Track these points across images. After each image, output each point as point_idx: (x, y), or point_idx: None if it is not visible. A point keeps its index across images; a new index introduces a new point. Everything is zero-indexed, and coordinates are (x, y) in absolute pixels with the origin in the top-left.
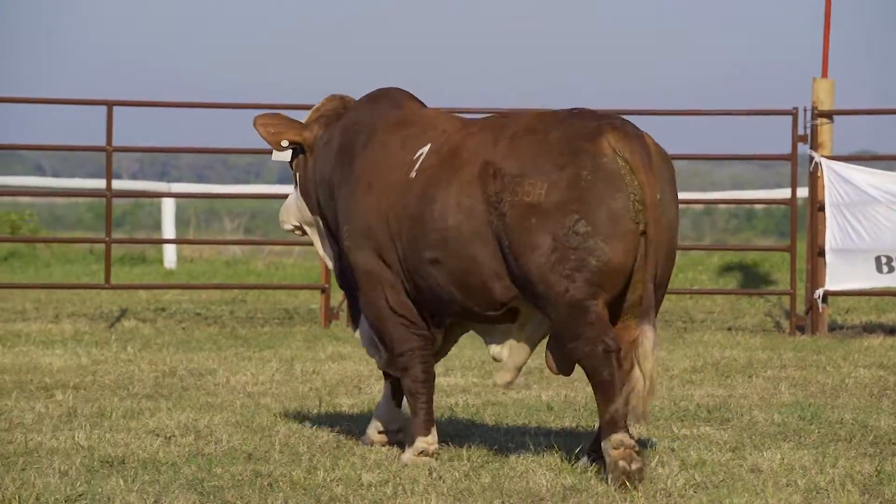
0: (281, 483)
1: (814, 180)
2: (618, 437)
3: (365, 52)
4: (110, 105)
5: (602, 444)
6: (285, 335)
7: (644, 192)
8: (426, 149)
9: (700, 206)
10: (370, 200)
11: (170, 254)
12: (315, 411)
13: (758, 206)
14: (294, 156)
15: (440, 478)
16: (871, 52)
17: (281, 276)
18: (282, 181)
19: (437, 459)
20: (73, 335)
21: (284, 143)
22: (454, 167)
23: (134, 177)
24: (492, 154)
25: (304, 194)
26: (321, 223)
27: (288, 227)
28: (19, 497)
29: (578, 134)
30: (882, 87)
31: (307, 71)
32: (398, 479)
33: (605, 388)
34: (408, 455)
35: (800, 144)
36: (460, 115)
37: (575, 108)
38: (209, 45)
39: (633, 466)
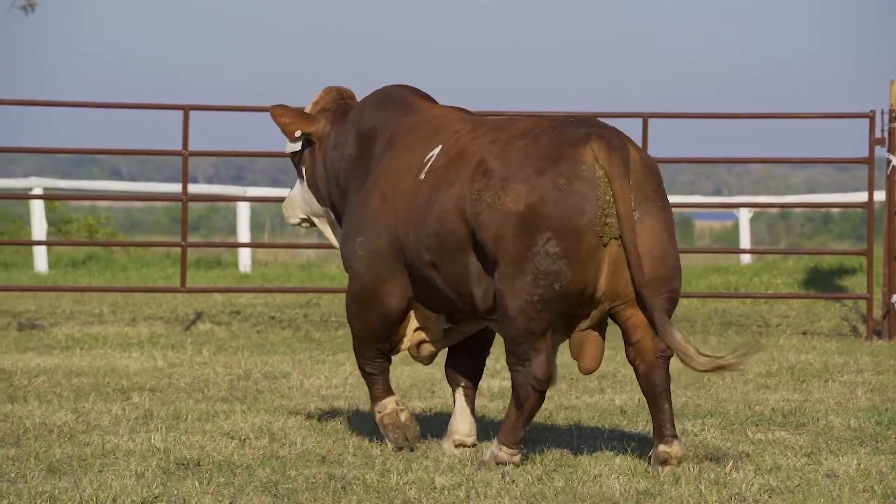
0: (354, 486)
1: (891, 184)
2: (503, 451)
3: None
4: (186, 109)
5: (493, 444)
6: None
7: (618, 202)
8: (436, 151)
9: (775, 210)
10: (385, 213)
11: (245, 257)
12: None
13: (834, 210)
14: (302, 149)
15: (513, 482)
16: None
17: None
18: None
19: (412, 418)
20: (150, 338)
21: (297, 134)
22: (458, 169)
23: (210, 181)
24: (486, 153)
25: (312, 187)
26: (332, 214)
27: (294, 220)
28: (96, 498)
29: (565, 141)
30: None
31: (379, 74)
32: (471, 482)
33: (519, 410)
34: (379, 419)
35: (877, 147)
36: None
37: (573, 116)
38: (282, 51)
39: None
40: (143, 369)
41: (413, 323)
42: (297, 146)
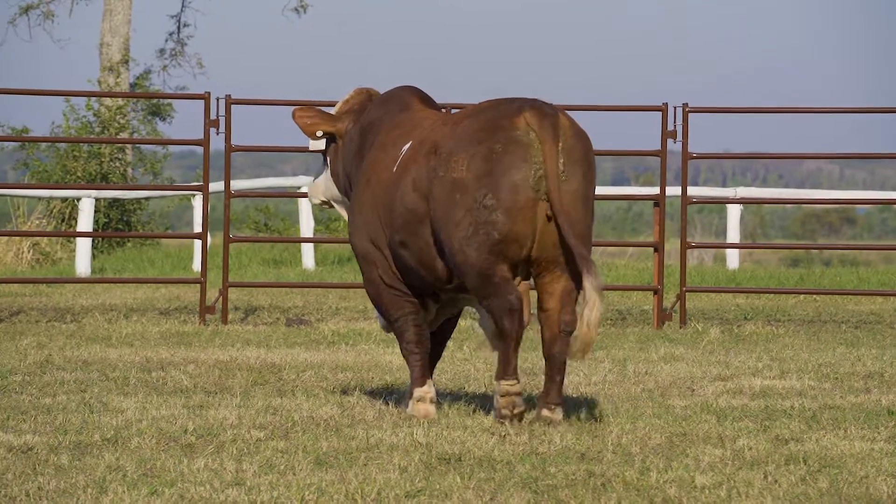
0: (614, 483)
1: None
2: (506, 384)
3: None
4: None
5: (494, 385)
6: (618, 336)
7: (546, 162)
8: (408, 145)
9: None
10: (368, 195)
11: None
12: (647, 412)
13: None
14: (327, 144)
15: (776, 481)
16: None
17: (614, 276)
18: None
19: (435, 405)
20: None
21: (319, 134)
22: (417, 156)
23: None
24: (439, 136)
25: (334, 175)
26: (348, 202)
27: (315, 201)
28: (362, 491)
29: (502, 113)
30: None
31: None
32: (732, 481)
33: (505, 340)
34: (410, 406)
35: None
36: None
37: (521, 97)
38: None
39: (515, 412)
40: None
41: None
42: (320, 144)
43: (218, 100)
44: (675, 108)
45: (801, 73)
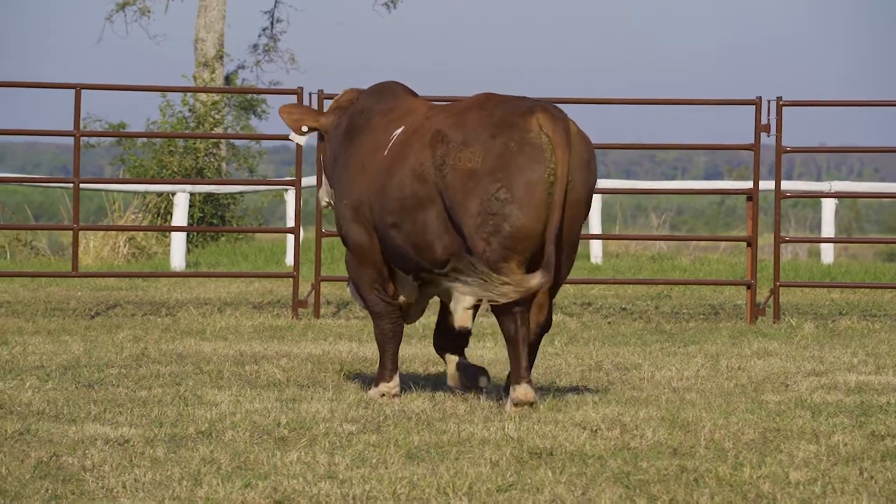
0: (707, 479)
1: None
2: (521, 389)
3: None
4: None
5: (509, 390)
6: (710, 330)
7: (557, 166)
8: (399, 131)
9: None
10: (362, 180)
11: (596, 249)
12: (741, 407)
13: None
14: (318, 141)
15: (871, 478)
16: None
17: (706, 271)
18: (709, 177)
19: (398, 398)
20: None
21: (304, 129)
22: (413, 142)
23: None
24: (442, 125)
25: (326, 173)
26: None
27: (323, 203)
28: (453, 485)
29: (514, 111)
30: None
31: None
32: (827, 477)
33: (513, 342)
34: (372, 392)
35: None
36: None
37: (518, 96)
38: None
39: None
40: (497, 359)
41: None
42: (303, 139)
43: (311, 94)
44: (768, 101)
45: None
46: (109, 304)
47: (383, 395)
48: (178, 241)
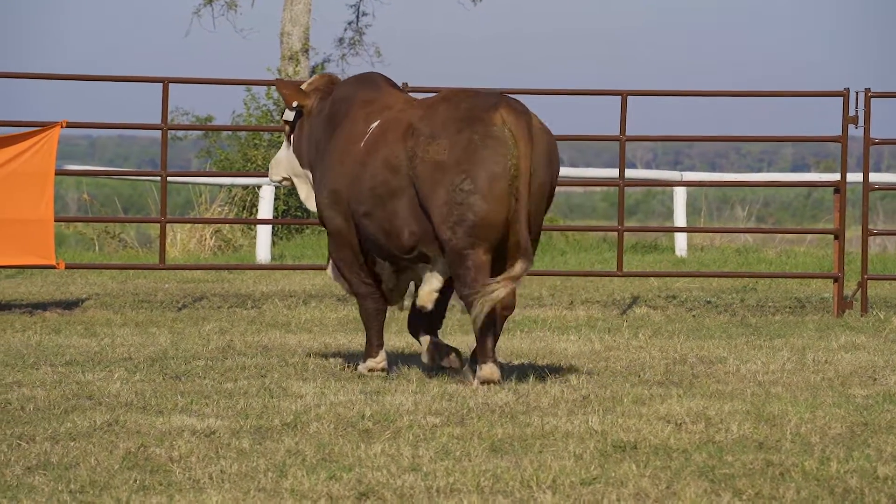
0: (793, 473)
1: None
2: (487, 368)
3: None
4: (624, 95)
5: (475, 368)
6: (797, 324)
7: (520, 160)
8: (376, 123)
9: None
10: (342, 168)
11: (681, 242)
12: (827, 401)
13: None
14: (294, 120)
15: None
16: None
17: (792, 264)
18: (795, 169)
19: (384, 373)
20: (587, 321)
21: (294, 105)
22: (387, 135)
23: (647, 166)
24: (414, 118)
25: (297, 152)
26: (311, 176)
27: (276, 178)
28: (537, 478)
29: (479, 106)
30: None
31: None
32: None
33: (480, 324)
34: (361, 368)
35: None
36: None
37: (486, 89)
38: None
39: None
40: (580, 352)
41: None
42: (292, 116)
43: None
44: (856, 93)
45: None
46: (196, 297)
47: (371, 370)
48: (263, 233)
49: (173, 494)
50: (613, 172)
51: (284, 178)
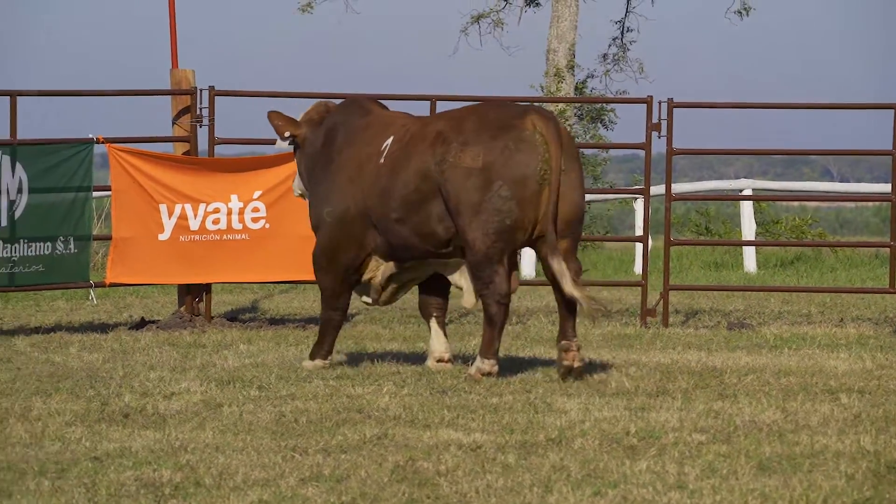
0: None
1: None
2: (489, 363)
3: None
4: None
5: (476, 360)
6: None
7: (553, 159)
8: (390, 140)
9: None
10: (352, 189)
11: None
12: None
13: None
14: (294, 147)
15: None
16: None
17: None
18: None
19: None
20: (857, 339)
21: (287, 135)
22: (414, 147)
23: None
24: (442, 128)
25: (300, 174)
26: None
27: (297, 193)
28: (807, 498)
29: (510, 114)
30: None
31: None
32: None
33: (491, 325)
34: (307, 364)
35: None
36: None
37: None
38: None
39: (482, 379)
40: (851, 370)
41: (369, 273)
42: (285, 145)
43: (660, 103)
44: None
45: None
46: (461, 312)
47: (317, 367)
48: (528, 248)
49: None
50: (886, 187)
51: (301, 194)
